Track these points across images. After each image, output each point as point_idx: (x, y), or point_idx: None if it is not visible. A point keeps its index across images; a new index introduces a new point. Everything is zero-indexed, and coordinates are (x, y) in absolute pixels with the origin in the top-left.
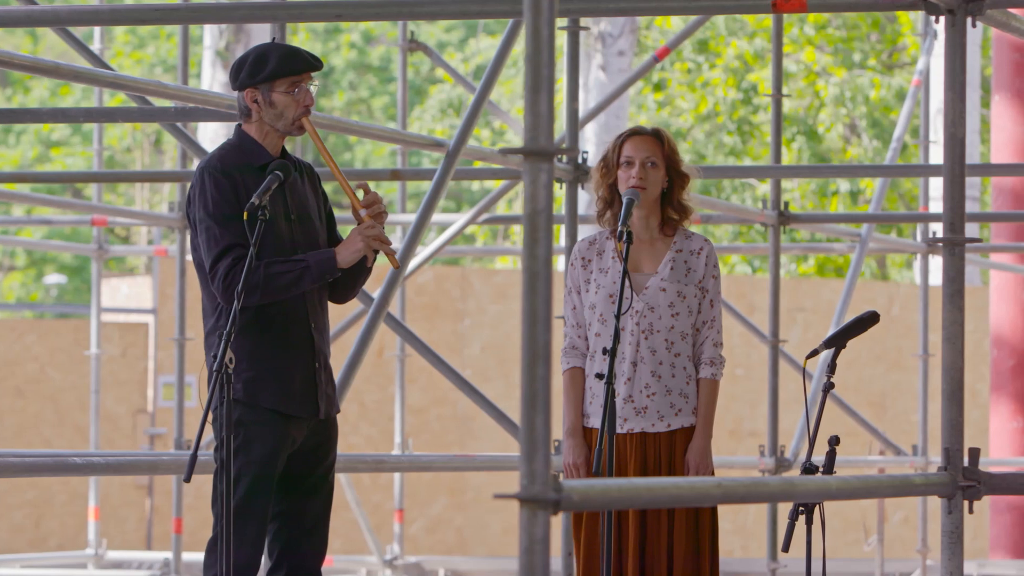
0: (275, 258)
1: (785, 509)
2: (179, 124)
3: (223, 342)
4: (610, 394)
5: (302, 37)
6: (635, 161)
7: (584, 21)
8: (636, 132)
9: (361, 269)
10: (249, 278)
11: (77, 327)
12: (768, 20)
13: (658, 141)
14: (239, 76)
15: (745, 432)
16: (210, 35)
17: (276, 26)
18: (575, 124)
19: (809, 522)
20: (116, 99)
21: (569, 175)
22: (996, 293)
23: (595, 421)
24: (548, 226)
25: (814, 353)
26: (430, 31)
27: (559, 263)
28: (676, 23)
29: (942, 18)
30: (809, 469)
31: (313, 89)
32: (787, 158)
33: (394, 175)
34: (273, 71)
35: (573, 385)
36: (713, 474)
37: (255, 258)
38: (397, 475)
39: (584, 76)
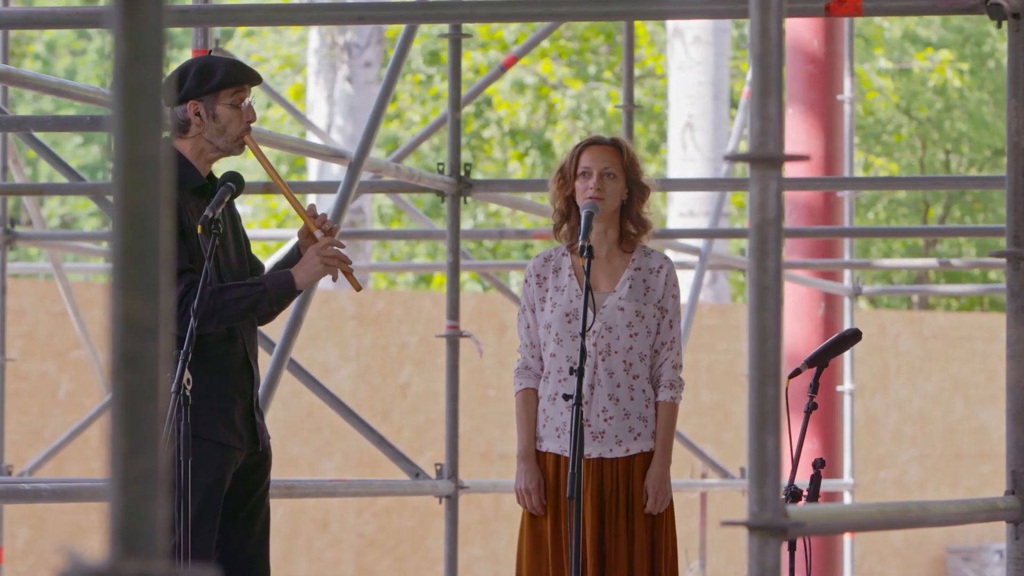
0: (229, 283)
1: None
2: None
3: (180, 363)
4: (578, 416)
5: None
6: (592, 172)
7: (328, 32)
8: (594, 142)
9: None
10: (203, 305)
11: None
12: (500, 31)
13: (617, 151)
14: (182, 87)
15: (496, 455)
16: None
17: (199, 31)
18: (457, 135)
19: (792, 549)
20: None
21: (452, 188)
22: (792, 311)
23: (548, 445)
24: (778, 237)
25: (796, 372)
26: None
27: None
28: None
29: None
30: (795, 493)
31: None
32: (520, 172)
33: (267, 188)
34: (222, 80)
35: (526, 407)
36: (672, 501)
37: (208, 280)
38: None
39: (329, 88)
